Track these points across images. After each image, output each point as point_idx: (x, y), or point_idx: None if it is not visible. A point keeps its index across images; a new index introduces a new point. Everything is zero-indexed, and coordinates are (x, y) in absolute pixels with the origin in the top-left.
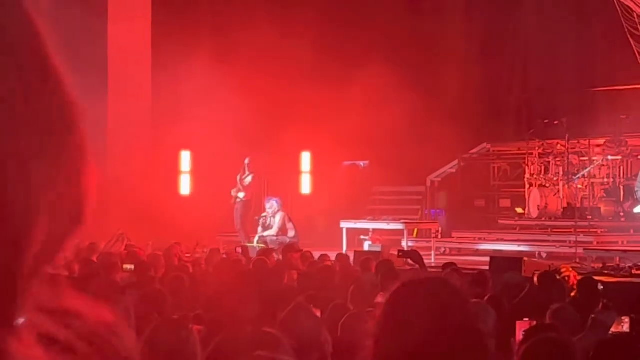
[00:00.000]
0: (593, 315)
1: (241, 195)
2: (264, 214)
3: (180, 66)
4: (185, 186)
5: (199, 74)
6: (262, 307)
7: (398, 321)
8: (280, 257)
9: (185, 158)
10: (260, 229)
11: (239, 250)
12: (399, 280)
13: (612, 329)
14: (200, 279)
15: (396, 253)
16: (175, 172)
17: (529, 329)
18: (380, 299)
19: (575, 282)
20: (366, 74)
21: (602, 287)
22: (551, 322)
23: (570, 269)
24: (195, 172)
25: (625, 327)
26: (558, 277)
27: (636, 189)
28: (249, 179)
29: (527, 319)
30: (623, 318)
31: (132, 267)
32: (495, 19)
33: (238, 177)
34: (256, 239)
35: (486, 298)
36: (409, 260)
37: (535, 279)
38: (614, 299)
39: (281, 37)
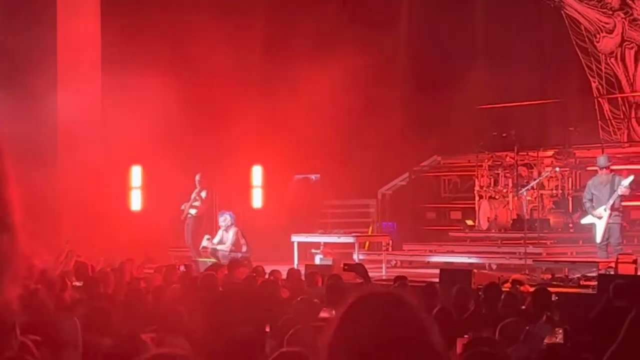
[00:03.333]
0: (528, 327)
1: (192, 211)
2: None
3: (130, 80)
4: (136, 201)
5: (149, 88)
6: (210, 322)
7: (351, 337)
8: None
9: (136, 173)
10: (206, 241)
11: (182, 267)
12: (353, 295)
13: (546, 340)
14: (152, 295)
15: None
16: (125, 187)
17: (466, 343)
18: (324, 313)
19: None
20: (316, 87)
21: (556, 298)
22: (490, 335)
23: (521, 280)
24: (146, 187)
25: (559, 339)
26: (505, 289)
27: (584, 200)
28: (203, 194)
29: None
30: (557, 329)
31: (81, 283)
32: (445, 29)
33: (194, 194)
34: (203, 243)
35: (435, 311)
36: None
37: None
38: (562, 310)
39: (231, 51)
